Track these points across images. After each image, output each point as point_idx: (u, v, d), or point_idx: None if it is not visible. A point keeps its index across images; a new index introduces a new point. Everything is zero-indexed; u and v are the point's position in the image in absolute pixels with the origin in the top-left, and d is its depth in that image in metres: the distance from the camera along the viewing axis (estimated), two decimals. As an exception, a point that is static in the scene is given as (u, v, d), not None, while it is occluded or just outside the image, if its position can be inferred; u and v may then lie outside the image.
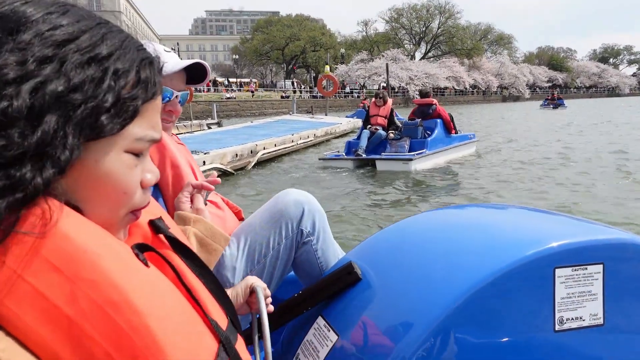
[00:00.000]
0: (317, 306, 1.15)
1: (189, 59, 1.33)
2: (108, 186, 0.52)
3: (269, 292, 1.01)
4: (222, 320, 0.64)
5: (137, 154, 0.55)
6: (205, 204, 1.26)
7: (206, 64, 1.36)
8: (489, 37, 75.60)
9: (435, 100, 9.79)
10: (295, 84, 54.78)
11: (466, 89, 60.30)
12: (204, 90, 39.40)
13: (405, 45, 67.44)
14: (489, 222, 1.24)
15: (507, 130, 17.77)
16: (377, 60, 53.49)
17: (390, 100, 9.65)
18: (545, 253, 0.94)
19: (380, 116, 9.36)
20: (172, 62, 1.28)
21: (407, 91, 50.92)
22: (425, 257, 1.07)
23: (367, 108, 10.76)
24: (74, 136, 0.47)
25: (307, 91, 48.12)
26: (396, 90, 50.60)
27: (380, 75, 50.71)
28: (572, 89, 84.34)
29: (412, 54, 65.86)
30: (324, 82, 23.92)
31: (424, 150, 8.66)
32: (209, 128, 16.02)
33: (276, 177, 8.69)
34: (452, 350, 0.91)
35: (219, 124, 18.09)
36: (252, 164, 9.52)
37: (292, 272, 1.43)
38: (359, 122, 15.06)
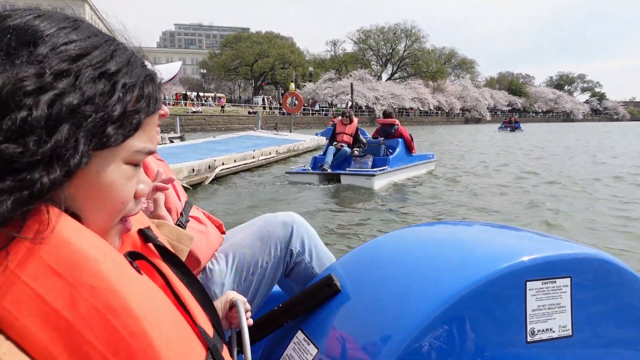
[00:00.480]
0: (296, 319, 1.15)
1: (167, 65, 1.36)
2: (108, 196, 0.53)
3: (249, 306, 1.02)
4: (209, 329, 0.65)
5: (135, 165, 0.57)
6: (187, 220, 1.27)
7: (180, 65, 1.43)
8: (452, 61, 78.37)
9: (397, 121, 10.28)
10: (265, 100, 54.73)
11: (430, 110, 62.01)
12: (169, 104, 38.86)
13: (373, 66, 68.89)
14: (462, 237, 1.28)
15: (467, 151, 18.51)
16: (345, 79, 54.33)
17: (356, 119, 10.06)
18: (517, 267, 0.97)
19: (346, 134, 9.77)
20: (163, 71, 1.30)
21: (374, 110, 51.86)
22: (402, 272, 1.09)
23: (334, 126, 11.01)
24: (84, 144, 0.48)
25: (276, 108, 48.19)
26: (363, 109, 51.44)
27: (347, 94, 51.42)
28: (530, 113, 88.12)
29: (379, 74, 67.34)
30: (289, 100, 24.02)
31: (385, 167, 9.12)
32: (171, 142, 15.65)
33: (234, 192, 8.58)
34: None
35: (181, 138, 17.65)
36: (210, 179, 9.34)
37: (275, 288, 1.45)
38: (323, 140, 15.47)
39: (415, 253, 1.18)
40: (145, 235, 0.65)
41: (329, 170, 9.22)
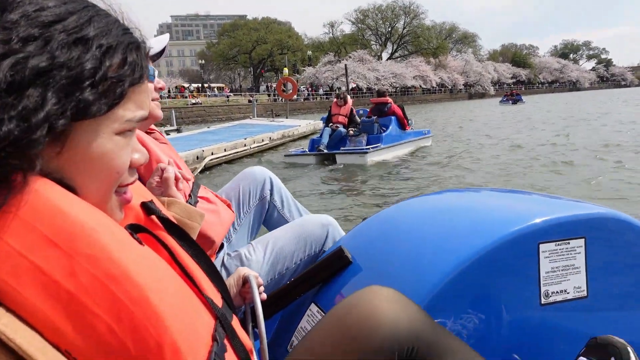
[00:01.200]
0: (309, 292, 1.16)
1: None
2: (101, 166, 0.53)
3: (261, 281, 1.03)
4: (217, 299, 0.65)
5: (129, 131, 0.56)
6: (197, 201, 1.29)
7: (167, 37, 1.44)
8: (453, 36, 77.06)
9: (390, 99, 10.65)
10: (269, 87, 54.40)
11: (433, 87, 61.24)
12: (169, 97, 38.72)
13: (372, 46, 68.01)
14: (471, 203, 1.27)
15: (468, 124, 18.56)
16: (344, 61, 53.73)
17: (350, 100, 10.46)
18: (529, 229, 0.97)
19: (341, 115, 10.16)
20: (152, 42, 1.30)
21: (375, 91, 51.28)
22: (412, 240, 1.09)
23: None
24: (54, 104, 0.47)
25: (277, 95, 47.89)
26: (364, 90, 50.90)
27: (348, 76, 50.97)
28: (536, 85, 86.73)
29: (379, 54, 66.49)
30: (283, 85, 23.82)
31: (378, 145, 9.51)
32: (167, 134, 15.64)
33: (224, 182, 8.57)
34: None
35: (178, 130, 17.52)
36: (199, 169, 9.35)
37: None
38: (319, 125, 15.65)
39: (424, 221, 1.17)
40: (148, 208, 0.65)
41: (325, 151, 9.59)
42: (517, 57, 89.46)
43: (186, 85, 48.59)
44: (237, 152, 11.30)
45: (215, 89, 50.61)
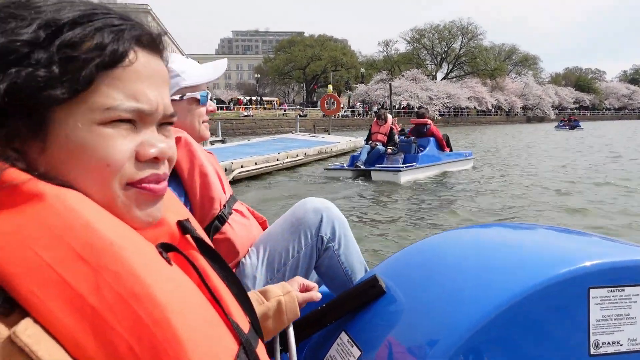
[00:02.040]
0: (340, 320, 1.13)
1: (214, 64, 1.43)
2: (87, 159, 0.51)
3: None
4: (244, 324, 0.64)
5: (124, 122, 0.53)
6: (230, 213, 1.31)
7: (224, 64, 1.47)
8: (513, 57, 75.00)
9: (429, 121, 11.10)
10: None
11: (488, 109, 59.58)
12: (224, 109, 40.01)
13: (427, 66, 67.29)
14: (517, 240, 1.20)
15: (513, 148, 17.74)
16: (397, 80, 53.47)
17: (390, 119, 10.90)
18: (578, 272, 0.90)
19: (380, 133, 10.65)
20: (201, 71, 1.37)
21: (427, 110, 50.55)
22: (452, 274, 1.03)
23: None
24: None
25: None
26: (415, 109, 50.30)
27: (399, 95, 50.64)
28: (601, 111, 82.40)
29: (433, 74, 65.67)
30: (327, 101, 23.94)
31: (414, 164, 9.90)
32: (212, 144, 16.05)
33: (251, 196, 8.71)
34: None
35: (222, 141, 18.10)
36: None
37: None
38: (360, 142, 16.19)
39: (466, 255, 1.11)
40: (183, 227, 0.64)
41: (362, 167, 10.06)
42: (581, 81, 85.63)
43: (240, 97, 50.03)
44: (269, 166, 11.41)
45: (275, 102, 51.83)
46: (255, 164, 10.98)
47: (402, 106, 49.71)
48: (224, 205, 1.31)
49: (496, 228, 1.49)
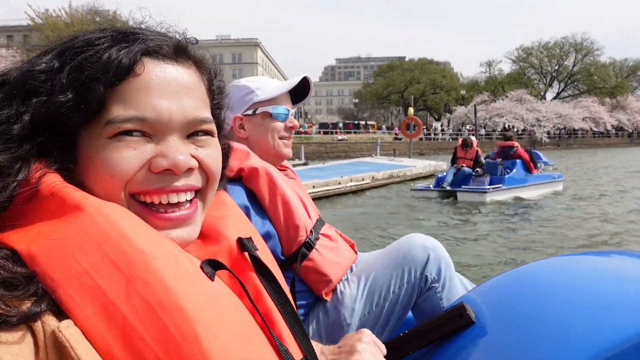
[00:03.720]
0: (423, 349, 1.06)
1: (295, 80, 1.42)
2: (97, 172, 0.54)
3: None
4: (297, 352, 0.62)
5: (128, 134, 0.54)
6: (317, 238, 1.30)
7: (309, 78, 1.43)
8: (638, 73, 67.41)
9: (516, 143, 11.14)
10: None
11: (607, 130, 54.05)
12: (320, 133, 41.40)
13: (535, 85, 63.26)
14: (636, 271, 1.02)
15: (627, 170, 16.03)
16: (500, 101, 50.98)
17: (475, 143, 11.02)
18: None
19: (466, 159, 10.92)
20: (274, 85, 1.40)
21: (534, 133, 47.36)
22: (556, 307, 0.91)
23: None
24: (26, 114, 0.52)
25: (427, 135, 47.59)
26: (519, 132, 47.41)
27: (502, 117, 48.17)
28: None
29: (542, 93, 61.47)
30: (408, 125, 23.25)
31: (500, 185, 9.94)
32: (294, 167, 16.50)
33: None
34: None
35: (305, 164, 18.58)
36: None
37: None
38: (442, 165, 16.11)
39: (574, 286, 0.98)
40: (243, 244, 0.64)
41: (448, 188, 10.38)
42: None
43: (335, 121, 51.41)
44: (329, 190, 11.23)
45: (377, 126, 52.57)
46: (313, 187, 10.72)
47: (506, 128, 47.13)
48: (311, 231, 1.29)
49: (611, 256, 1.31)
